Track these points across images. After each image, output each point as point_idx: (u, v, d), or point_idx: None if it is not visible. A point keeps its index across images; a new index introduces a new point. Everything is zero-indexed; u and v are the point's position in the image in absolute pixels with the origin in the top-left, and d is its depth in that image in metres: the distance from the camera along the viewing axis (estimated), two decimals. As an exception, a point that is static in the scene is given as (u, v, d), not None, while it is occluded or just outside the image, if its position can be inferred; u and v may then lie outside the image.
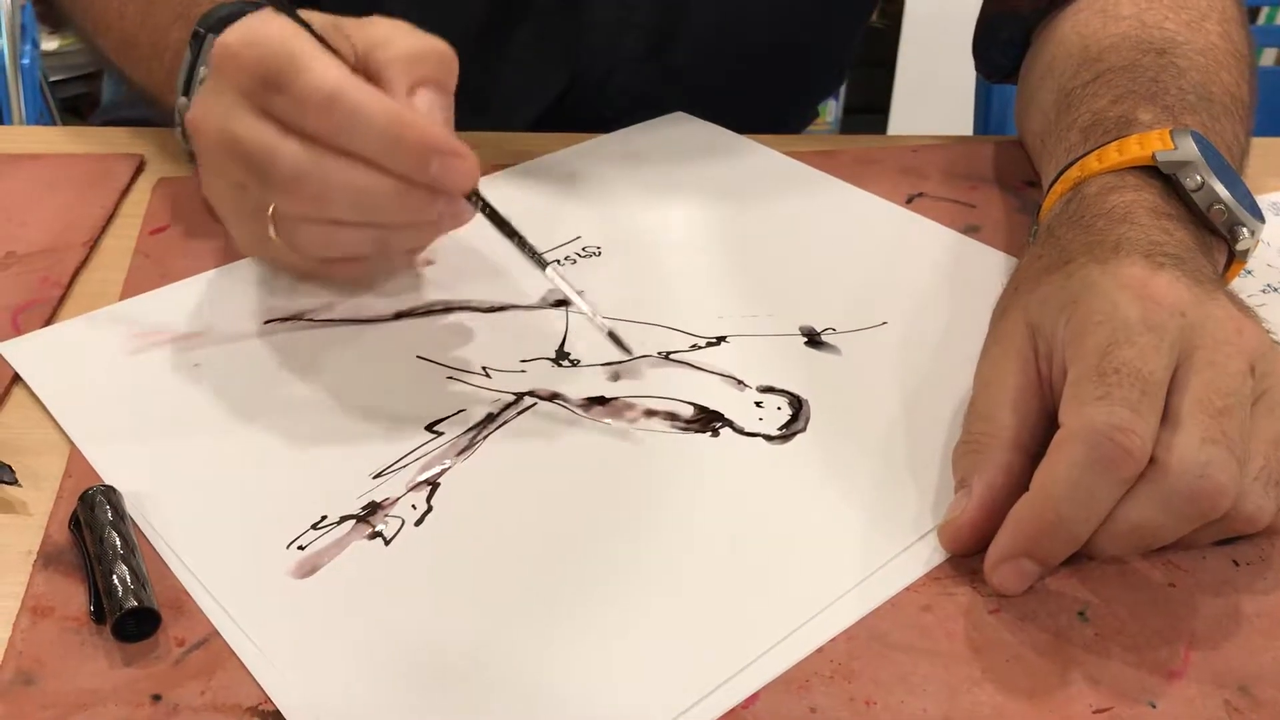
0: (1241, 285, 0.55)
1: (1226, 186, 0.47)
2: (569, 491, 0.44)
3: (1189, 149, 0.48)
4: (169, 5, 0.61)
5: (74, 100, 2.20)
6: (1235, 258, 0.49)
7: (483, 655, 0.38)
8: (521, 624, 0.39)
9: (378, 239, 0.50)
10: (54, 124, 1.78)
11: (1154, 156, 0.48)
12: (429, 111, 0.48)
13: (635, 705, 0.36)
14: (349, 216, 0.48)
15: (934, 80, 2.02)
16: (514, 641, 0.38)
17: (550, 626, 0.39)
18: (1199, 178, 0.47)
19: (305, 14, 0.49)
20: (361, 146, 0.46)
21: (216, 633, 0.38)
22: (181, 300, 0.55)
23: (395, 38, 0.49)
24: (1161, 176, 0.48)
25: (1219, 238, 0.48)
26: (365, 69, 0.49)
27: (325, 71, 0.45)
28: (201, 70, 0.55)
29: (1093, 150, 0.50)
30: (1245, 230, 0.48)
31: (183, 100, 0.57)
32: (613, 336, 0.48)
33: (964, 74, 1.08)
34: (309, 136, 0.46)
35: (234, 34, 0.47)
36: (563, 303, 0.55)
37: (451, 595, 0.40)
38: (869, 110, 2.25)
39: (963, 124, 1.21)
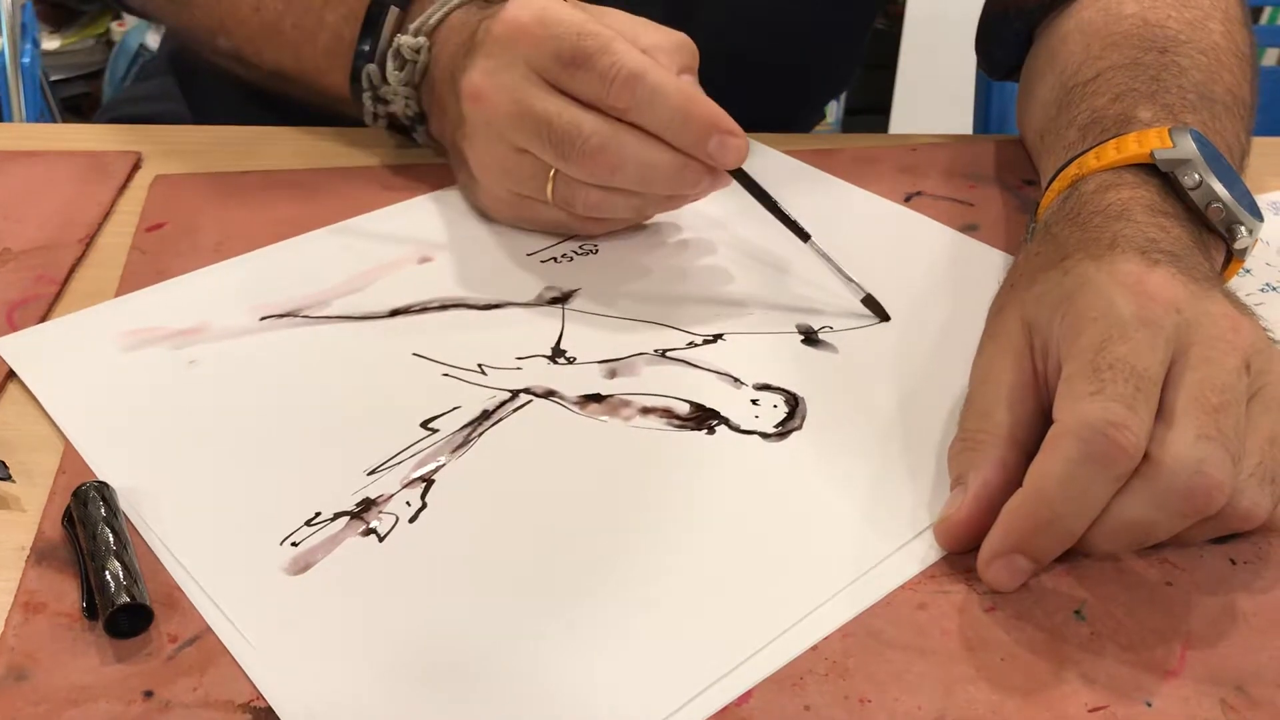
0: (1240, 284, 0.55)
1: (1225, 185, 0.47)
2: (564, 488, 0.44)
3: (1187, 147, 0.47)
4: None
5: (75, 99, 2.20)
6: (1233, 256, 0.49)
7: (476, 652, 0.37)
8: (515, 621, 0.38)
9: (642, 205, 0.56)
10: (54, 123, 1.78)
11: (1152, 154, 0.48)
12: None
13: (629, 703, 0.36)
14: (631, 186, 0.53)
15: (935, 81, 2.02)
16: (507, 639, 0.38)
17: (544, 623, 0.38)
18: (1197, 176, 0.47)
19: None
20: (654, 121, 0.51)
21: (209, 629, 0.38)
22: (177, 297, 0.54)
23: (645, 30, 0.55)
24: (1160, 175, 0.48)
25: (1217, 236, 0.48)
26: None
27: (629, 52, 0.51)
28: (401, 38, 0.59)
29: (1091, 148, 0.50)
30: (1243, 229, 0.47)
31: (372, 67, 0.62)
32: (870, 301, 0.53)
33: (964, 75, 1.08)
34: (605, 111, 0.52)
35: (523, 13, 0.53)
36: (559, 300, 0.55)
37: (445, 592, 0.40)
38: (870, 111, 2.24)
39: (964, 124, 1.21)
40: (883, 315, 0.53)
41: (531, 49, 0.52)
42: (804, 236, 0.53)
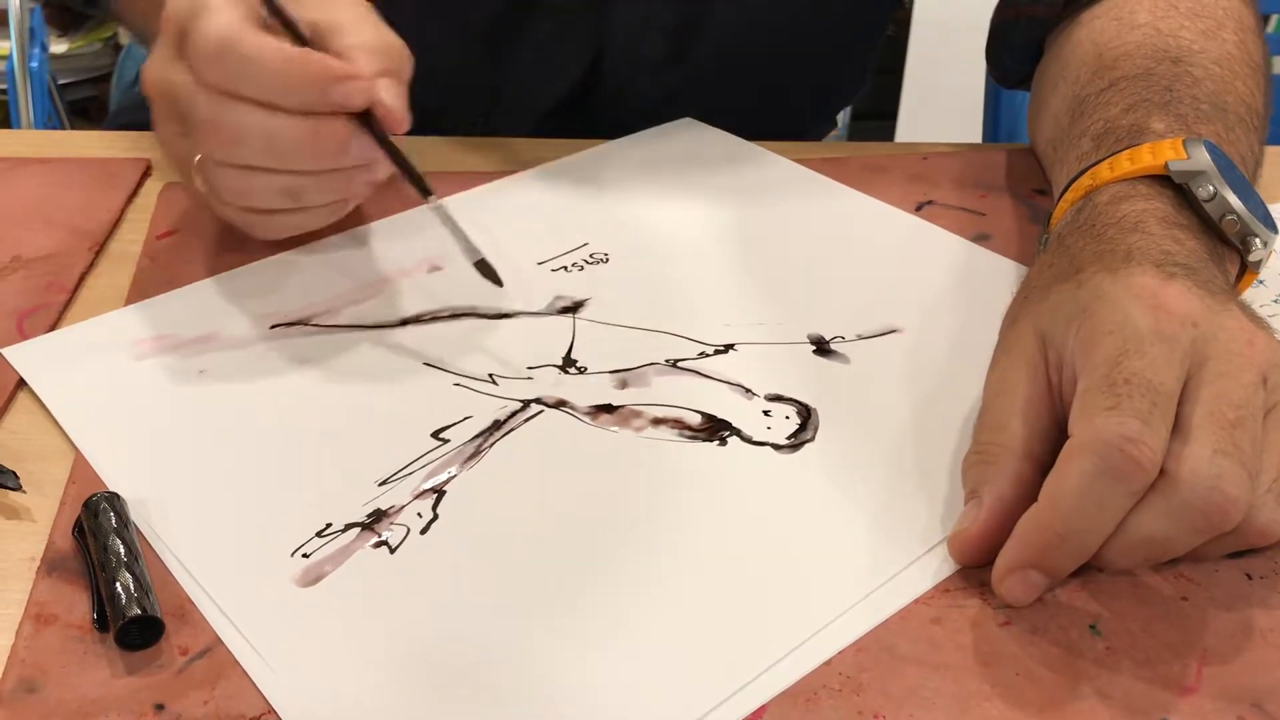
0: (1254, 296, 0.55)
1: (1239, 197, 0.47)
2: (576, 500, 0.44)
3: (1201, 158, 0.47)
4: None
5: (82, 103, 2.20)
6: (1248, 268, 0.48)
7: (488, 665, 0.37)
8: (527, 634, 0.38)
9: (290, 186, 0.51)
10: (62, 127, 1.78)
11: (1166, 166, 0.47)
12: (394, 98, 0.50)
13: (641, 717, 0.36)
14: (262, 161, 0.50)
15: (942, 87, 2.01)
16: (519, 651, 0.38)
17: (556, 637, 0.38)
18: (1211, 188, 0.47)
19: None
20: (258, 91, 0.48)
21: (220, 641, 0.38)
22: (187, 305, 0.54)
23: (359, 27, 0.51)
24: (1174, 186, 0.47)
25: (1231, 248, 0.48)
26: (324, 50, 0.51)
27: (217, 20, 0.47)
28: None
29: (1104, 158, 0.50)
30: (1258, 241, 0.47)
31: None
32: (483, 265, 0.51)
33: (972, 81, 1.08)
34: (208, 85, 0.48)
35: None
36: (569, 310, 0.54)
37: (457, 604, 0.39)
38: (876, 117, 2.24)
39: (971, 131, 1.21)
40: (496, 280, 0.51)
41: (167, 24, 0.50)
42: (426, 193, 0.51)
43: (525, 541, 0.42)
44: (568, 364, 0.51)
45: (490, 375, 0.50)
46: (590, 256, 0.59)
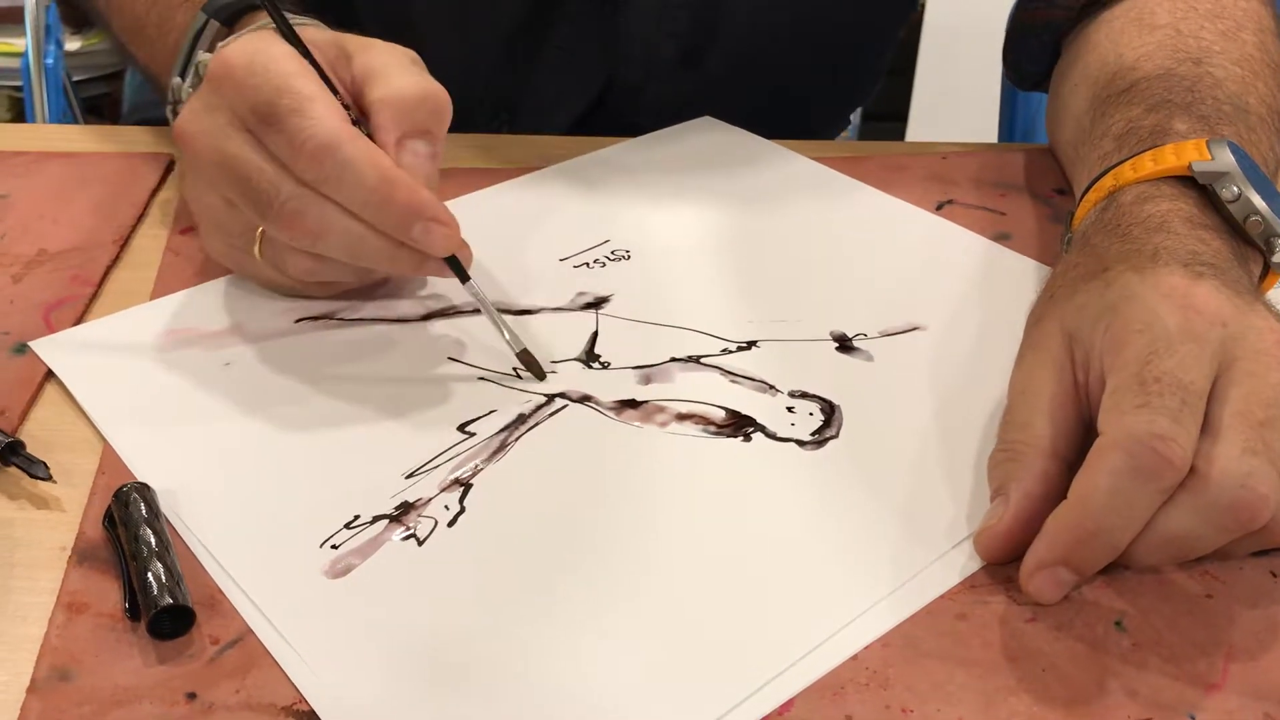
0: (1277, 297, 0.55)
1: (1263, 198, 0.47)
2: (601, 494, 0.44)
3: (1226, 160, 0.47)
4: None
5: (95, 100, 2.20)
6: (1271, 269, 0.49)
7: (515, 657, 0.37)
8: (554, 627, 0.38)
9: (361, 273, 0.52)
10: (77, 124, 1.79)
11: (1190, 167, 0.47)
12: (418, 165, 0.49)
13: (669, 712, 0.36)
14: (338, 256, 0.49)
15: (953, 89, 2.02)
16: (547, 644, 0.38)
17: (583, 630, 0.38)
18: (1236, 189, 0.47)
19: (310, 34, 0.50)
20: (348, 200, 0.47)
21: (250, 631, 0.38)
22: (212, 299, 0.55)
23: (392, 74, 0.50)
24: (1197, 187, 0.47)
25: (1255, 249, 0.48)
26: (358, 101, 0.50)
27: (321, 119, 0.46)
28: (201, 55, 0.55)
29: (1127, 159, 0.50)
30: (1281, 241, 0.47)
31: (177, 80, 0.57)
32: (525, 356, 0.49)
33: (982, 83, 1.08)
34: (298, 179, 0.47)
35: (237, 54, 0.48)
36: (593, 305, 0.55)
37: (485, 597, 0.40)
38: (887, 118, 2.24)
39: (982, 133, 1.20)
40: (539, 374, 0.50)
41: (235, 96, 0.48)
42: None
43: (552, 535, 0.42)
44: (591, 359, 0.51)
45: (514, 369, 0.50)
46: (612, 253, 0.59)
